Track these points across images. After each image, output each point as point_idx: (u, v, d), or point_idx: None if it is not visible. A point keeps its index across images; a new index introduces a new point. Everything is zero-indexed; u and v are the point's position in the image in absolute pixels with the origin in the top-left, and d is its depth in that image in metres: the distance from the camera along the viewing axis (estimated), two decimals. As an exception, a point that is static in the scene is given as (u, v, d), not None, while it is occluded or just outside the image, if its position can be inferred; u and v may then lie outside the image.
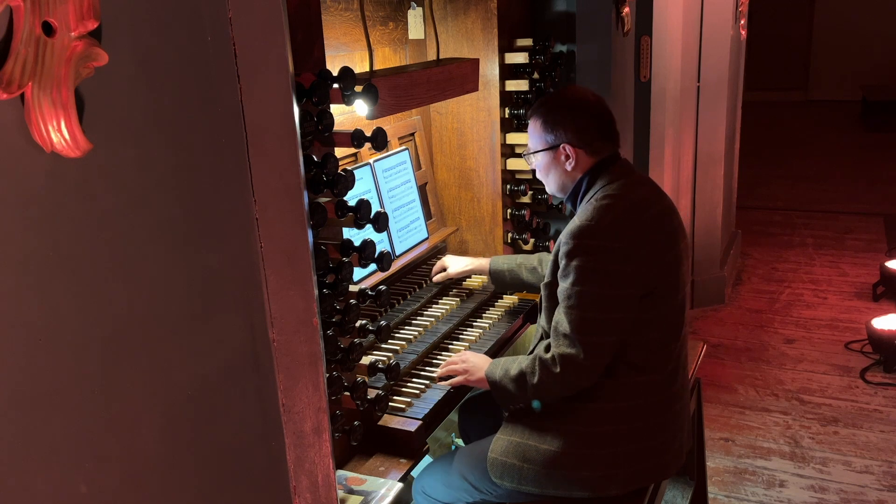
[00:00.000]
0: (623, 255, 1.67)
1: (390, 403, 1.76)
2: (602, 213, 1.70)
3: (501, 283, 2.26)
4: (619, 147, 1.86)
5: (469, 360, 1.90)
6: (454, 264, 2.32)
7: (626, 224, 1.70)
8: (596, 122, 1.82)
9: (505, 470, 1.78)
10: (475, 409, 2.20)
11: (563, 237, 1.72)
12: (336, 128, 1.49)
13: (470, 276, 2.43)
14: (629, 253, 1.68)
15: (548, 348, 1.73)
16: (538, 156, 1.87)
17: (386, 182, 2.23)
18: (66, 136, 0.69)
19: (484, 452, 1.84)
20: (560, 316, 1.71)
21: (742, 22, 4.63)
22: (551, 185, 1.89)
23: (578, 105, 1.83)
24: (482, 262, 2.30)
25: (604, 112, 1.84)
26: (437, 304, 2.28)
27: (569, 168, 1.82)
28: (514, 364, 1.78)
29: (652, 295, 1.70)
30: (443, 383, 1.89)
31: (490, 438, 1.86)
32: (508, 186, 2.54)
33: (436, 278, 2.32)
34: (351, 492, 1.56)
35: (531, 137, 1.88)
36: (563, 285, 1.70)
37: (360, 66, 2.06)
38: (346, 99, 1.51)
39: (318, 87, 1.42)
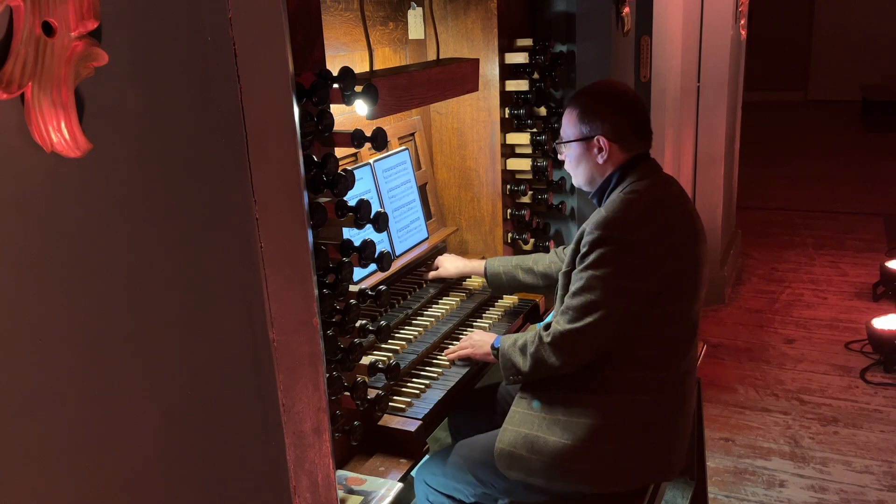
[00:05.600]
0: (642, 249, 1.70)
1: (390, 403, 1.76)
2: (627, 206, 1.73)
3: (498, 285, 2.26)
4: (651, 146, 1.87)
5: (474, 338, 2.00)
6: (447, 265, 2.32)
7: (649, 219, 1.72)
8: (633, 118, 1.84)
9: (513, 461, 1.79)
10: (467, 406, 2.19)
11: (588, 226, 1.73)
12: (336, 128, 1.49)
13: (470, 276, 2.42)
14: (649, 248, 1.70)
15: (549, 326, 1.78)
16: (570, 146, 1.88)
17: (386, 182, 2.23)
18: (66, 136, 0.69)
19: (489, 445, 1.84)
20: (568, 298, 1.74)
21: (742, 22, 4.63)
22: (580, 177, 1.91)
23: (618, 99, 1.84)
24: (477, 265, 2.30)
25: (641, 109, 1.86)
26: (437, 304, 2.28)
27: (600, 161, 1.83)
28: (521, 336, 1.85)
29: (666, 292, 1.72)
30: (452, 356, 1.98)
31: (493, 432, 1.87)
32: (508, 186, 2.54)
33: (429, 275, 2.33)
34: (351, 492, 1.57)
35: (565, 127, 1.89)
36: (579, 270, 1.73)
37: (360, 66, 2.06)
38: (346, 99, 1.51)
39: (318, 87, 1.42)
